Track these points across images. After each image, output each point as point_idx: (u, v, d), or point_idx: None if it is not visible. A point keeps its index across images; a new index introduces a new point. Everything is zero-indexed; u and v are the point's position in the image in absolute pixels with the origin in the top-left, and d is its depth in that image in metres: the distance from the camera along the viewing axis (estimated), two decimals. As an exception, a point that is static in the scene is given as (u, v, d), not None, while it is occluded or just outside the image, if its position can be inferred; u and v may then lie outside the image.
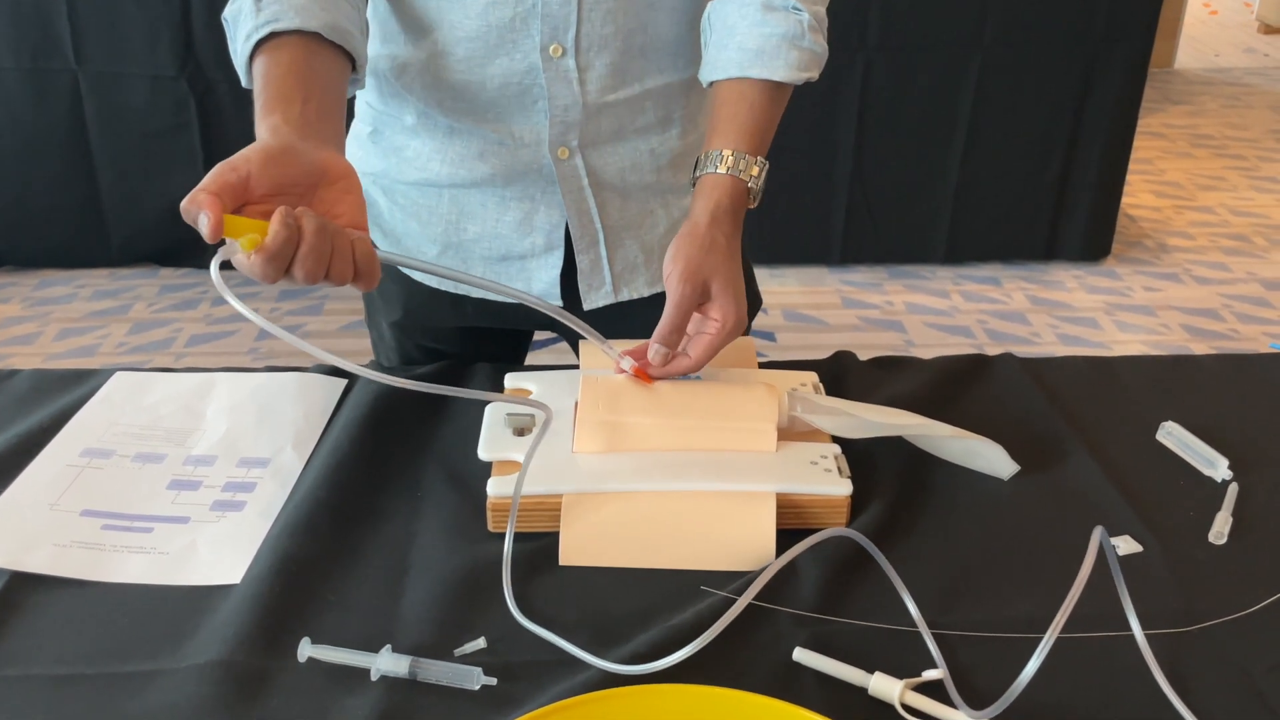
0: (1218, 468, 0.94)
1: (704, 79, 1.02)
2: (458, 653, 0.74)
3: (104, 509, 0.88)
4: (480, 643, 0.75)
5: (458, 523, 0.87)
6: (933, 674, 0.71)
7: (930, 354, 1.13)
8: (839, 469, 0.88)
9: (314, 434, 0.98)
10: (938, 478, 0.93)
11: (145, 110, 3.10)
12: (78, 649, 0.75)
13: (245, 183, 0.74)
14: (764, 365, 1.04)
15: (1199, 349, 2.93)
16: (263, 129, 0.80)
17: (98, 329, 3.00)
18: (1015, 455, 0.93)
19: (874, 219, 3.31)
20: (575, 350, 1.12)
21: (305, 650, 0.73)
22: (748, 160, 0.95)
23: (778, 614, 0.78)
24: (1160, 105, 5.09)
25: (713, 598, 0.79)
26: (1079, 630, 0.76)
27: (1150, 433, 1.00)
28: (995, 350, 1.15)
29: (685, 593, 0.80)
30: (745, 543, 0.83)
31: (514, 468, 0.86)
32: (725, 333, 0.92)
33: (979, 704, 0.68)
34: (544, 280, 1.12)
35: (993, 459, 0.93)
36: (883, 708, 0.70)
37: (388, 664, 0.72)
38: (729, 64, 0.98)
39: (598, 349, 0.93)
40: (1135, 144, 3.36)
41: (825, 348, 1.97)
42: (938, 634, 0.75)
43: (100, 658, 0.74)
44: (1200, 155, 4.45)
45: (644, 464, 0.87)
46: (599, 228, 1.10)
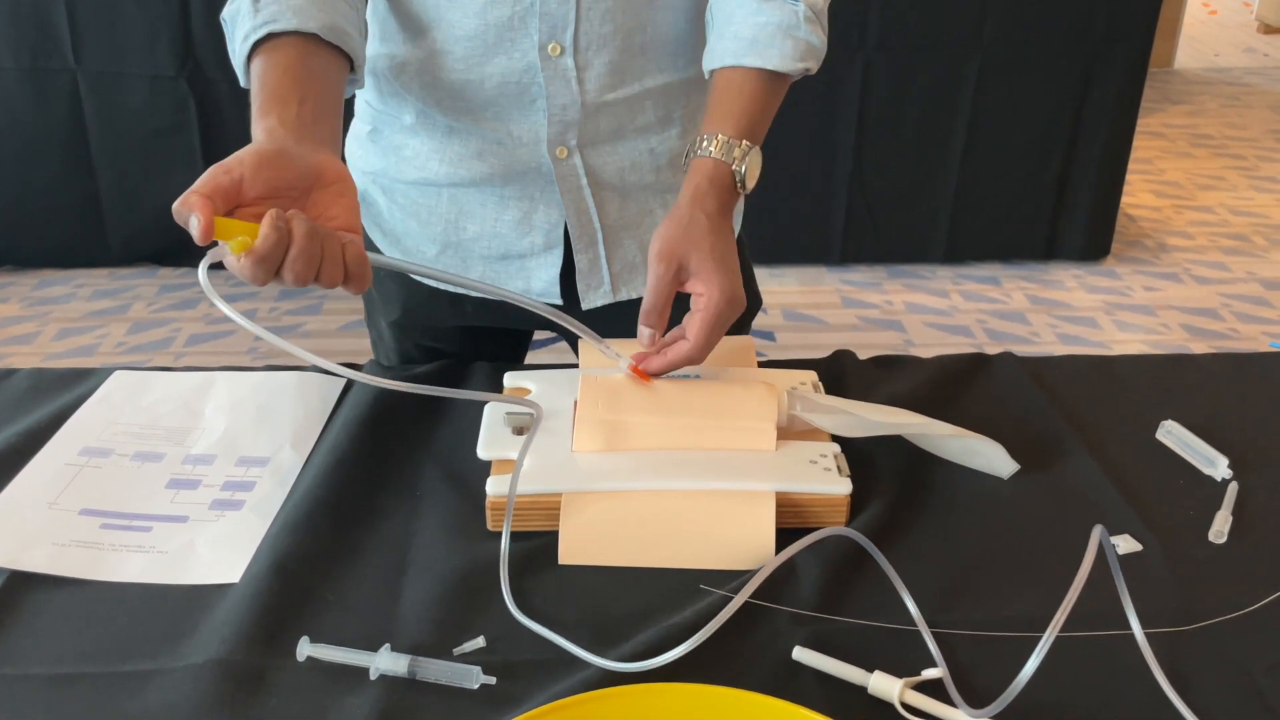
0: (1217, 467, 0.94)
1: (704, 69, 1.02)
2: (457, 652, 0.74)
3: (103, 508, 0.88)
4: (479, 642, 0.75)
5: (457, 522, 0.87)
6: (932, 673, 0.71)
7: (930, 354, 1.13)
8: (838, 468, 0.88)
9: (313, 433, 0.98)
10: (937, 477, 0.93)
11: (144, 110, 3.10)
12: (77, 648, 0.75)
13: (238, 185, 0.74)
14: (763, 364, 1.04)
15: (1198, 348, 2.93)
16: (258, 131, 0.81)
17: (97, 329, 3.00)
18: (1015, 454, 0.93)
19: (873, 219, 3.31)
20: (575, 350, 1.12)
21: (304, 649, 0.73)
22: (735, 145, 0.94)
23: (777, 613, 0.78)
24: (1160, 105, 5.09)
25: (712, 596, 0.79)
26: (1079, 629, 0.76)
27: (1150, 432, 1.00)
28: (995, 350, 1.15)
29: (685, 592, 0.80)
30: (745, 542, 0.83)
31: (513, 467, 0.86)
32: (715, 307, 0.89)
33: (979, 703, 0.68)
34: (543, 279, 1.12)
35: (992, 458, 0.93)
36: (882, 707, 0.70)
37: (387, 663, 0.72)
38: (725, 53, 0.98)
39: (597, 348, 0.93)
40: (1135, 144, 3.36)
41: (825, 347, 1.97)
42: (937, 633, 0.75)
43: (99, 657, 0.74)
44: (1200, 155, 4.46)
45: (643, 463, 0.87)
46: (597, 227, 1.10)
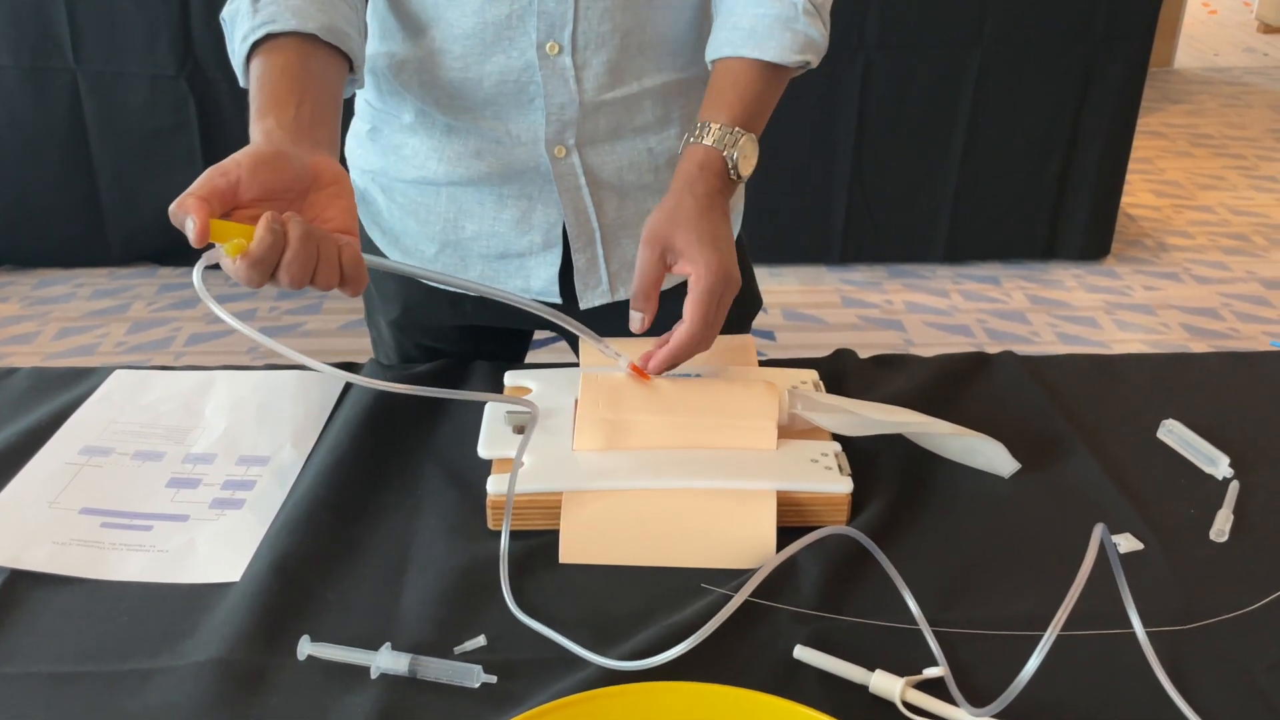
0: (1219, 466, 0.94)
1: (706, 60, 1.03)
2: (458, 650, 0.74)
3: (103, 507, 0.88)
4: (480, 640, 0.75)
5: (458, 521, 0.87)
6: (934, 672, 0.71)
7: (930, 353, 1.13)
8: (839, 467, 0.88)
9: (313, 432, 0.98)
10: (938, 475, 0.93)
11: (144, 110, 3.10)
12: (77, 647, 0.75)
13: (234, 188, 0.74)
14: (764, 364, 1.04)
15: (1198, 348, 2.93)
16: (256, 132, 0.81)
17: (97, 328, 3.00)
18: (1015, 453, 0.93)
19: (873, 218, 3.31)
20: (575, 349, 1.11)
21: (305, 648, 0.73)
22: (728, 131, 0.95)
23: (778, 612, 0.78)
24: (1160, 104, 5.09)
25: (712, 595, 0.79)
26: (1080, 628, 0.76)
27: (1151, 430, 1.00)
28: (995, 349, 1.15)
29: (685, 590, 0.80)
30: (745, 540, 0.83)
31: (513, 465, 0.86)
32: (704, 283, 0.89)
33: (980, 701, 0.68)
34: (542, 279, 1.12)
35: (993, 457, 0.93)
36: (884, 705, 0.70)
37: (387, 662, 0.72)
38: (724, 43, 0.99)
39: (596, 347, 0.93)
40: (1135, 143, 3.36)
41: (825, 347, 1.97)
42: (938, 632, 0.75)
43: (99, 655, 0.74)
44: (1200, 154, 4.46)
45: (644, 462, 0.87)
46: (596, 227, 1.10)
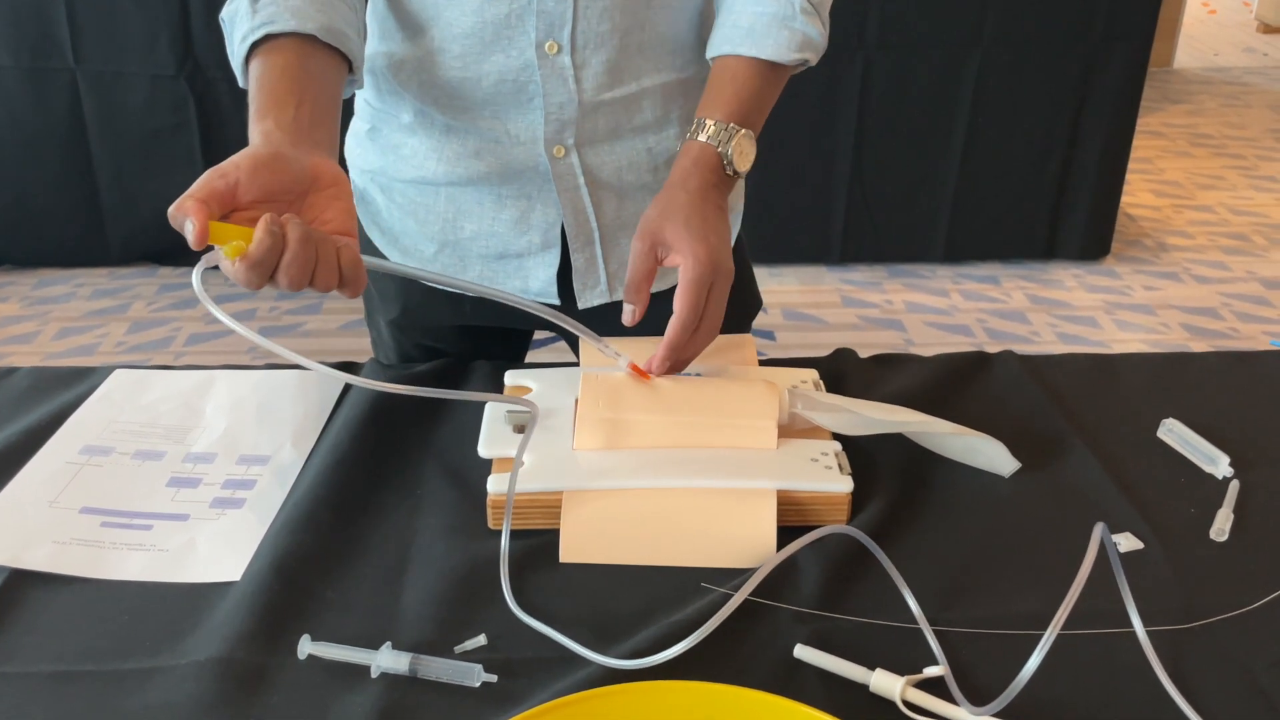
0: (1219, 465, 0.94)
1: (706, 58, 1.04)
2: (458, 649, 0.74)
3: (103, 506, 0.88)
4: (481, 639, 0.75)
5: (458, 520, 0.87)
6: (934, 671, 0.71)
7: (930, 353, 1.13)
8: (839, 466, 0.88)
9: (314, 431, 0.98)
10: (938, 475, 0.93)
11: (144, 110, 3.10)
12: (77, 646, 0.75)
13: (233, 190, 0.74)
14: (764, 363, 1.04)
15: (1198, 348, 2.93)
16: (255, 133, 0.81)
17: (97, 328, 3.00)
18: (1016, 452, 0.93)
19: (873, 218, 3.31)
20: (574, 349, 1.11)
21: (305, 647, 0.73)
22: (723, 128, 0.96)
23: (779, 611, 0.78)
24: (1159, 104, 5.09)
25: (713, 594, 0.79)
26: (1080, 627, 0.76)
27: (1151, 430, 1.00)
28: (995, 349, 1.15)
29: (686, 590, 0.80)
30: (746, 540, 0.83)
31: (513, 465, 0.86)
32: (691, 273, 0.90)
33: (980, 700, 0.68)
34: (541, 279, 1.12)
35: (993, 456, 0.93)
36: (884, 704, 0.70)
37: (388, 661, 0.72)
38: (723, 41, 1.00)
39: (596, 346, 0.93)
40: (1134, 143, 3.36)
41: (825, 346, 1.97)
42: (939, 631, 0.75)
43: (100, 655, 0.74)
44: (1199, 154, 4.46)
45: (644, 461, 0.87)
46: (594, 227, 1.10)
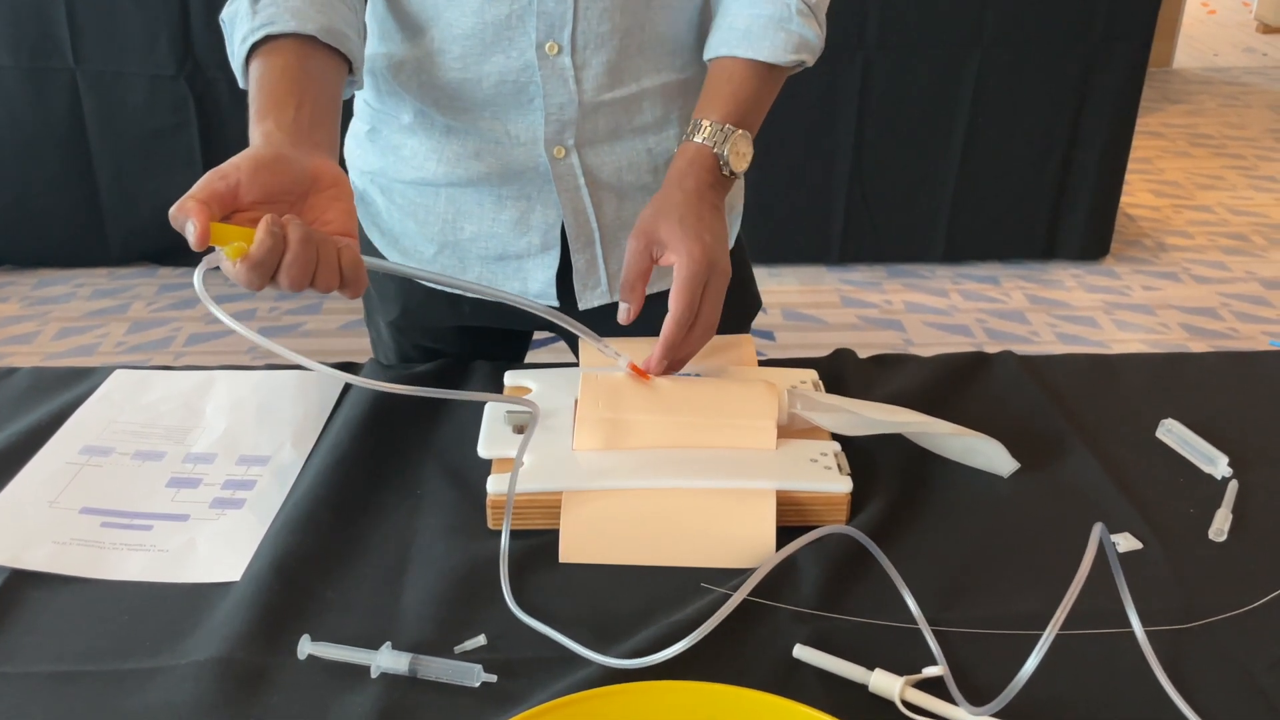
0: (1218, 465, 0.94)
1: (704, 60, 1.04)
2: (458, 650, 0.74)
3: (103, 506, 0.88)
4: (480, 640, 0.75)
5: (458, 520, 0.87)
6: (933, 671, 0.71)
7: (929, 353, 1.13)
8: (839, 466, 0.88)
9: (314, 431, 0.98)
10: (937, 475, 0.93)
11: (144, 110, 3.10)
12: (77, 646, 0.75)
13: (234, 191, 0.74)
14: (763, 364, 1.04)
15: (1198, 348, 2.93)
16: (256, 134, 0.81)
17: (96, 328, 3.00)
18: (1015, 453, 0.93)
19: (873, 218, 3.31)
20: (574, 350, 1.11)
21: (305, 647, 0.73)
22: (719, 128, 0.97)
23: (778, 611, 0.78)
24: (1159, 104, 5.09)
25: (712, 594, 0.79)
26: (1079, 627, 0.76)
27: (1150, 430, 1.00)
28: (994, 349, 1.15)
29: (685, 590, 0.80)
30: (745, 540, 0.83)
31: (513, 465, 0.86)
32: (684, 270, 0.90)
33: (979, 700, 0.68)
34: (540, 280, 1.12)
35: (993, 456, 0.93)
36: (883, 704, 0.70)
37: (388, 661, 0.72)
38: (720, 43, 1.01)
39: (596, 347, 0.93)
40: (1134, 143, 3.36)
41: (824, 347, 1.97)
42: (938, 631, 0.75)
43: (100, 655, 0.74)
44: (1199, 154, 4.46)
45: (644, 461, 0.87)
46: (595, 227, 1.10)
